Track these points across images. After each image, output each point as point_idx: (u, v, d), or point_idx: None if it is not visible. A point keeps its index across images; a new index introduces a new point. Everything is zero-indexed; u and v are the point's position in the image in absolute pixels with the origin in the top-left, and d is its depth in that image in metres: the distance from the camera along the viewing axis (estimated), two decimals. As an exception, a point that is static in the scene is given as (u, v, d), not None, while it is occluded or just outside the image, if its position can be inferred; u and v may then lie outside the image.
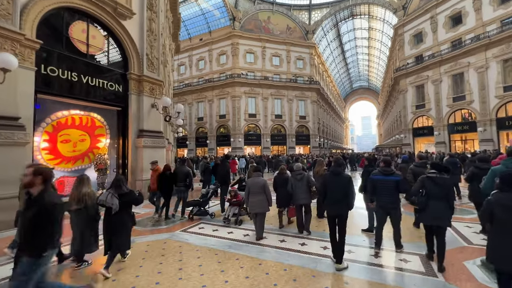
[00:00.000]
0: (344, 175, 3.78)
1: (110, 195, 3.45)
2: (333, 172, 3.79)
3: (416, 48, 29.35)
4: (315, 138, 36.34)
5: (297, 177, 4.98)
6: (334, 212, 3.66)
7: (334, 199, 3.64)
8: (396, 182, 3.88)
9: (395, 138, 37.24)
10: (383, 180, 3.95)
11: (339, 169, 3.82)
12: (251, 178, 4.92)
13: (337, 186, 3.64)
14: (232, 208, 5.47)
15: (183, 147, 37.79)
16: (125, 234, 3.55)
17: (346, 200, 3.61)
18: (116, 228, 3.45)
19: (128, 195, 3.56)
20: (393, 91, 36.87)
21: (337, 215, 3.63)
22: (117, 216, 3.42)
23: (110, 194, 3.47)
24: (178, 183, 6.26)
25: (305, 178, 4.97)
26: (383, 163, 4.16)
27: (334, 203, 3.64)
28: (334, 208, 3.65)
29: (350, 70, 63.73)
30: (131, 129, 8.73)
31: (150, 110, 9.16)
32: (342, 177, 3.71)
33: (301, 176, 4.97)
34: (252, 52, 34.79)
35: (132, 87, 8.80)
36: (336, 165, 3.90)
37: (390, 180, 3.91)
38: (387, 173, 3.99)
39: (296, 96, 35.40)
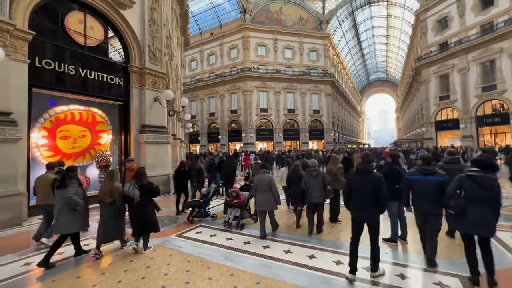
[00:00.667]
0: (374, 174, 3.19)
1: (132, 186, 3.91)
2: (360, 171, 3.23)
3: (440, 35, 27.23)
4: (329, 133, 35.09)
5: (312, 174, 4.60)
6: (361, 218, 3.14)
7: (362, 202, 3.10)
8: (440, 183, 3.21)
9: (415, 132, 35.20)
10: (423, 181, 3.30)
11: (367, 167, 3.24)
12: (257, 175, 4.76)
13: (365, 187, 3.08)
14: (233, 211, 4.91)
15: (195, 143, 37.84)
16: (150, 218, 4.00)
17: (377, 204, 3.05)
18: (141, 214, 3.92)
19: (147, 186, 4.00)
20: (414, 82, 34.71)
21: (365, 222, 3.12)
22: (140, 204, 3.90)
23: (131, 185, 3.92)
24: (192, 179, 6.72)
25: (320, 175, 4.61)
26: (422, 160, 3.45)
27: (361, 208, 3.11)
28: (362, 213, 3.12)
29: (367, 62, 61.02)
30: (133, 124, 8.37)
31: (152, 104, 8.74)
32: (372, 177, 3.12)
33: (317, 173, 4.61)
34: (264, 45, 33.87)
35: (134, 80, 8.40)
36: (364, 162, 3.33)
37: (432, 181, 3.26)
38: (427, 173, 3.31)
39: (309, 89, 34.21)
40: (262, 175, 4.65)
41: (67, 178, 3.67)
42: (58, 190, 3.66)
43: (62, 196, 3.57)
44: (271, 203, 4.45)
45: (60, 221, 3.58)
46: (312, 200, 4.54)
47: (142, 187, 3.93)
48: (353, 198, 3.21)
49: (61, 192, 3.60)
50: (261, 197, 4.47)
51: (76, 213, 3.61)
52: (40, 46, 6.34)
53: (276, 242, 4.17)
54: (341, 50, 46.58)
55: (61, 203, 3.56)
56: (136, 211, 3.89)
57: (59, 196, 3.61)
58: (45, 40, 6.47)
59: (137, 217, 3.89)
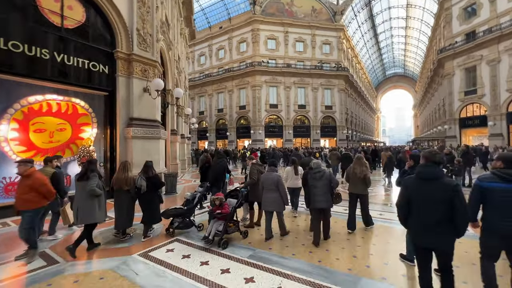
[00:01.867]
0: (444, 181, 2.21)
1: (140, 178, 4.26)
2: (422, 175, 2.29)
3: (467, 24, 24.89)
4: (342, 130, 33.42)
5: (316, 176, 4.12)
6: (427, 242, 2.25)
7: (427, 221, 2.21)
8: None
9: (436, 129, 32.85)
10: (506, 190, 2.27)
11: (434, 171, 2.26)
12: (264, 173, 4.51)
13: (431, 200, 2.18)
14: (215, 224, 3.88)
15: (203, 139, 37.25)
16: (153, 210, 4.37)
17: (451, 224, 2.15)
18: (145, 205, 4.33)
19: (153, 178, 4.34)
20: (435, 76, 32.31)
21: (434, 248, 2.25)
22: (146, 195, 4.26)
23: (140, 177, 4.28)
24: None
25: (325, 177, 4.10)
26: (501, 162, 2.38)
27: (426, 228, 2.21)
28: (428, 237, 2.21)
29: (384, 56, 58.04)
30: (119, 117, 7.51)
31: (142, 95, 7.85)
32: (441, 184, 2.18)
33: (320, 174, 4.11)
34: (274, 38, 32.53)
35: (120, 68, 7.52)
36: (428, 163, 2.33)
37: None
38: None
39: (321, 84, 32.63)
40: (270, 173, 4.35)
41: (89, 171, 3.83)
42: (80, 182, 3.81)
43: (84, 188, 3.74)
44: (278, 204, 4.16)
45: (81, 212, 3.74)
46: (316, 205, 4.03)
47: (148, 179, 4.26)
48: (413, 215, 2.30)
49: (83, 184, 3.77)
50: (268, 196, 4.20)
51: (97, 205, 3.80)
52: (4, 25, 5.55)
53: (266, 271, 3.09)
54: (356, 43, 44.36)
55: (83, 194, 3.75)
56: (143, 200, 4.33)
57: (82, 188, 3.77)
58: (12, 19, 5.67)
59: (142, 206, 4.35)
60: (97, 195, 3.77)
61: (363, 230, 4.65)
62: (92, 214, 3.75)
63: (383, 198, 7.74)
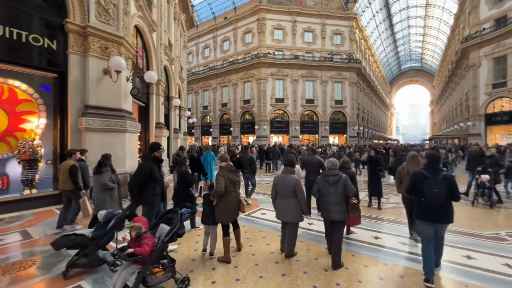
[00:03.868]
0: None
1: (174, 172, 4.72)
2: None
3: (497, 7, 22.17)
4: (353, 126, 31.26)
5: (329, 180, 3.38)
6: None
7: None
8: None
9: (457, 127, 30.16)
10: None
11: None
12: (278, 176, 3.64)
13: None
14: (125, 270, 2.34)
15: (207, 135, 36.01)
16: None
17: None
18: (179, 199, 4.12)
19: (185, 174, 4.25)
20: (457, 69, 29.51)
21: None
22: (178, 189, 4.30)
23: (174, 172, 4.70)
24: (244, 169, 6.58)
25: (341, 182, 3.33)
26: None
27: None
28: None
29: (399, 48, 54.58)
30: (71, 104, 6.12)
31: (102, 78, 6.42)
32: None
33: (336, 178, 3.35)
34: (281, 28, 30.60)
35: (72, 44, 6.10)
36: None
37: None
38: None
39: (331, 77, 30.51)
40: (286, 175, 3.53)
41: (102, 165, 4.11)
42: (95, 175, 4.14)
43: (98, 181, 4.06)
44: (294, 212, 3.40)
45: (96, 204, 4.07)
46: (329, 216, 3.36)
47: (180, 175, 4.23)
48: None
49: (97, 178, 4.10)
50: (282, 203, 3.50)
51: (110, 197, 4.08)
52: None
53: None
54: (369, 34, 41.61)
55: (97, 187, 4.08)
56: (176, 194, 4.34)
57: (96, 181, 4.10)
58: None
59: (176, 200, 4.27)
60: (109, 188, 4.04)
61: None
62: (104, 206, 3.90)
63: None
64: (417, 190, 2.94)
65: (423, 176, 2.92)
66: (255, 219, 5.29)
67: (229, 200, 3.39)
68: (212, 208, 3.45)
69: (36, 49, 5.72)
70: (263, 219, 5.30)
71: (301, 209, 3.37)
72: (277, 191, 3.50)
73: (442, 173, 2.91)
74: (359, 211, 3.55)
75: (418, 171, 3.07)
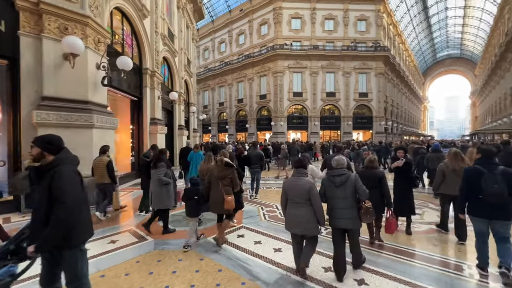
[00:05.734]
0: None
1: None
2: None
3: None
4: (379, 121, 28.40)
5: (335, 181, 2.89)
6: None
7: None
8: None
9: (506, 120, 25.99)
10: None
11: None
12: (289, 180, 3.05)
13: None
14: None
15: (223, 132, 35.21)
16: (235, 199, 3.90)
17: None
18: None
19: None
20: (508, 52, 25.27)
21: None
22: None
23: None
24: (252, 165, 6.88)
25: (350, 183, 2.86)
26: None
27: None
28: None
29: (435, 34, 49.14)
30: (23, 95, 5.19)
31: (61, 65, 5.43)
32: None
33: (343, 179, 2.88)
34: (299, 17, 28.56)
35: (23, 23, 5.16)
36: None
37: None
38: None
39: (355, 68, 27.91)
40: (298, 179, 2.94)
41: (158, 161, 4.25)
42: (152, 170, 4.28)
43: (155, 176, 4.18)
44: (309, 224, 2.80)
45: (154, 198, 4.20)
46: (337, 224, 2.86)
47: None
48: None
49: (154, 172, 4.22)
50: (294, 213, 2.88)
51: (166, 192, 4.15)
52: None
53: None
54: (399, 19, 37.76)
55: (154, 182, 4.20)
56: None
57: (153, 176, 4.23)
58: None
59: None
60: (164, 183, 4.13)
61: None
62: (162, 201, 4.14)
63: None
64: (471, 186, 2.84)
65: (479, 171, 2.80)
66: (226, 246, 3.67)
67: (212, 194, 3.72)
68: (191, 203, 3.70)
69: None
70: (235, 246, 3.67)
71: (317, 219, 2.80)
72: (288, 197, 2.95)
73: (499, 167, 2.78)
74: (373, 216, 3.01)
75: (472, 167, 2.97)
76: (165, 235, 4.08)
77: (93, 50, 5.98)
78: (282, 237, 3.90)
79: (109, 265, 3.05)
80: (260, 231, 4.22)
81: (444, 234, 4.08)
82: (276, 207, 5.71)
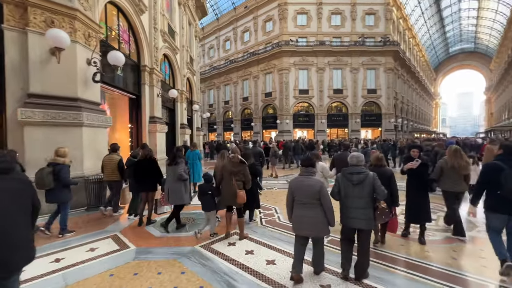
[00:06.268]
0: None
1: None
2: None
3: None
4: (389, 119, 27.50)
5: (353, 179, 2.73)
6: None
7: None
8: None
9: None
10: None
11: None
12: (296, 179, 2.84)
13: None
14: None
15: (229, 131, 34.94)
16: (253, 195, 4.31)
17: None
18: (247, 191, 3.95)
19: (251, 166, 4.38)
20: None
21: None
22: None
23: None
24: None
25: (367, 182, 2.69)
26: None
27: None
28: None
29: (447, 28, 47.40)
30: (8, 92, 4.96)
31: (48, 61, 5.16)
32: None
33: (361, 177, 2.70)
34: (305, 13, 27.88)
35: (8, 17, 4.91)
36: None
37: None
38: None
39: (363, 63, 27.07)
40: (306, 178, 2.76)
41: (177, 157, 4.31)
42: (170, 166, 4.31)
43: (174, 172, 4.21)
44: (319, 225, 2.66)
45: (172, 194, 4.20)
46: (351, 223, 2.72)
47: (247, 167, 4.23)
48: None
49: (173, 168, 4.24)
50: (302, 213, 2.71)
51: (183, 188, 4.23)
52: None
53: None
54: (410, 13, 36.50)
55: (173, 177, 4.20)
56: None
57: (172, 172, 4.25)
58: None
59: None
60: (183, 179, 4.19)
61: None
62: (181, 197, 4.20)
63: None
64: (490, 182, 2.80)
65: (499, 167, 2.76)
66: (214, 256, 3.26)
67: (224, 188, 3.88)
68: (206, 198, 3.92)
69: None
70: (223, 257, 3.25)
71: (327, 220, 2.67)
72: (295, 198, 2.77)
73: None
74: (388, 217, 3.04)
75: (492, 163, 2.91)
76: (151, 244, 3.73)
77: (82, 44, 5.70)
78: (277, 246, 3.49)
79: (79, 278, 2.72)
80: (254, 239, 3.82)
81: (463, 244, 3.59)
82: (275, 210, 5.30)
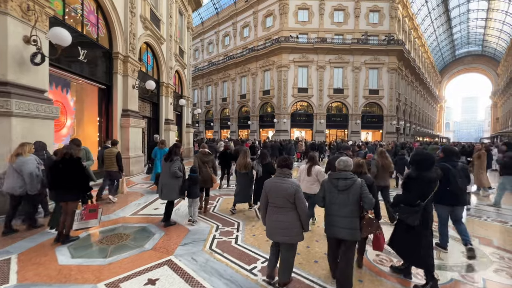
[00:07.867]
0: None
1: (257, 164, 5.11)
2: None
3: None
4: (391, 121, 26.39)
5: (339, 185, 2.59)
6: None
7: None
8: None
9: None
10: None
11: None
12: (271, 180, 2.71)
13: None
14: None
15: (226, 129, 34.00)
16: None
17: None
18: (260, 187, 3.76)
19: (268, 165, 4.94)
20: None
21: None
22: (262, 179, 4.63)
23: (257, 163, 5.13)
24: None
25: (354, 189, 2.56)
26: None
27: None
28: None
29: (455, 29, 46.02)
30: None
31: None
32: None
33: (348, 183, 2.57)
34: (306, 8, 26.80)
35: None
36: None
37: None
38: None
39: (365, 62, 25.96)
40: (282, 180, 2.61)
41: (173, 154, 4.37)
42: (166, 162, 4.37)
43: (169, 168, 4.27)
44: (293, 230, 2.51)
45: (165, 190, 4.30)
46: (336, 233, 2.58)
47: (264, 166, 4.93)
48: None
49: (168, 165, 4.31)
50: (276, 218, 2.57)
51: (177, 184, 4.31)
52: None
53: None
54: (416, 12, 35.25)
55: (168, 174, 4.29)
56: (258, 183, 4.99)
57: (167, 168, 4.32)
58: None
59: (258, 189, 4.92)
60: (177, 176, 4.26)
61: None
62: (172, 193, 4.30)
63: None
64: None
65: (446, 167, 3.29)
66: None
67: (203, 173, 4.99)
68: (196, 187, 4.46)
69: None
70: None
71: (302, 223, 2.50)
72: (270, 200, 2.59)
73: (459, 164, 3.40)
74: (376, 228, 2.69)
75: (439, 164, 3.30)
76: (43, 277, 2.73)
77: (17, 18, 4.74)
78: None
79: None
80: (188, 274, 2.77)
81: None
82: (238, 226, 4.31)
